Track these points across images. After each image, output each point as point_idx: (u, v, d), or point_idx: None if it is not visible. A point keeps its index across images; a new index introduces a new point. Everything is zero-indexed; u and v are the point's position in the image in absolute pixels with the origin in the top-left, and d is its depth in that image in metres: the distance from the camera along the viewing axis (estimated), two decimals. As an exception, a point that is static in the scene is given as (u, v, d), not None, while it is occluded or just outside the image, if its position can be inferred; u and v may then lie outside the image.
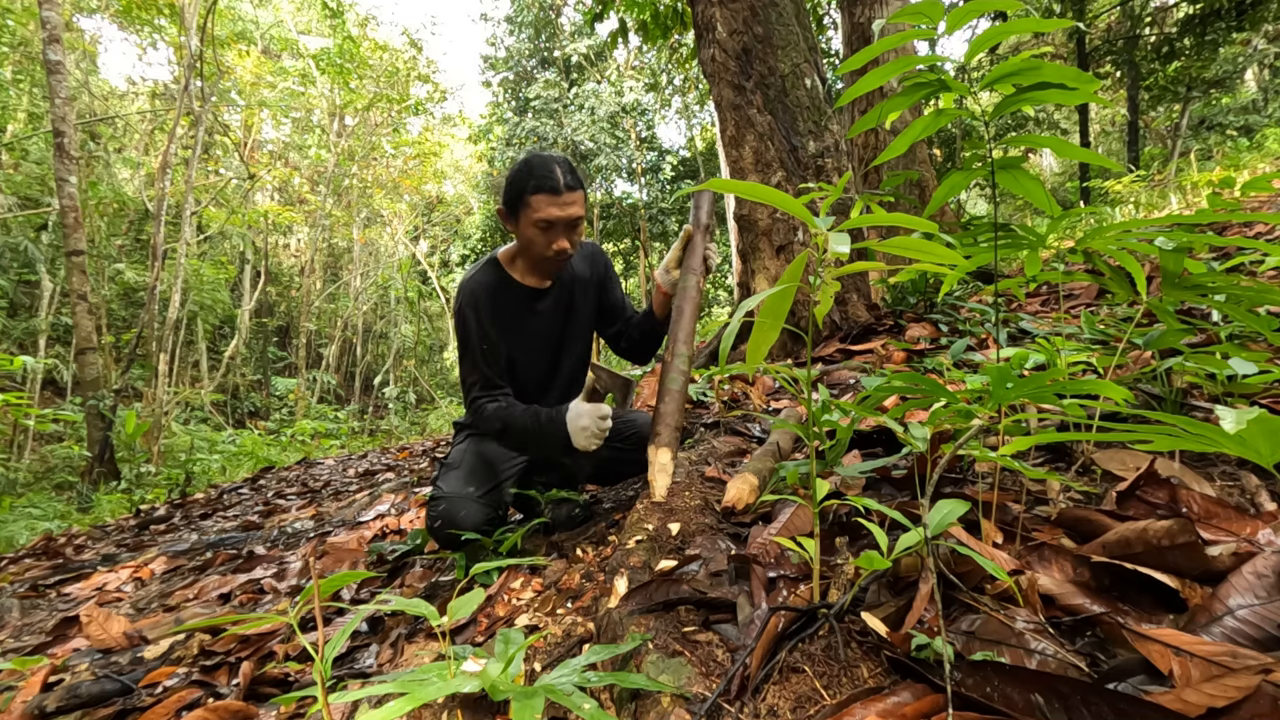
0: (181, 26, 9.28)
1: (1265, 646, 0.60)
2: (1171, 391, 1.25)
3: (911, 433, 1.08)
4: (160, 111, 14.78)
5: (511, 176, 1.56)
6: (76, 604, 2.19)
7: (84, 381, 6.47)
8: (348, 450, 8.51)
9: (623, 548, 1.17)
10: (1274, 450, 0.53)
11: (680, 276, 1.54)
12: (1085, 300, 2.64)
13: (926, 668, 0.65)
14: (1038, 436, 0.77)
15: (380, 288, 19.17)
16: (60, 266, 12.08)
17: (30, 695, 1.28)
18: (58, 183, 6.35)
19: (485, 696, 0.87)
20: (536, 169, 1.52)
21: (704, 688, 0.75)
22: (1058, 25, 0.84)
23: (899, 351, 2.38)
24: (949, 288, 1.42)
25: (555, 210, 1.50)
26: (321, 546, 2.22)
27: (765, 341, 0.83)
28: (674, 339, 1.44)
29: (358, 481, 4.39)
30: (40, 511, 5.52)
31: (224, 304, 15.71)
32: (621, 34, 6.58)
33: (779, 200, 0.72)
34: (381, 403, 16.49)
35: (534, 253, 1.59)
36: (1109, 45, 11.00)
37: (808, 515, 1.09)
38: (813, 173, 3.00)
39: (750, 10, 3.07)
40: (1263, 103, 14.03)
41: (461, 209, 21.45)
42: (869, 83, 0.97)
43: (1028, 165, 1.67)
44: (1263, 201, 4.00)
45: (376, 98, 15.39)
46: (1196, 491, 0.90)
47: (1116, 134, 17.15)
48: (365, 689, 0.66)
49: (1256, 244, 0.98)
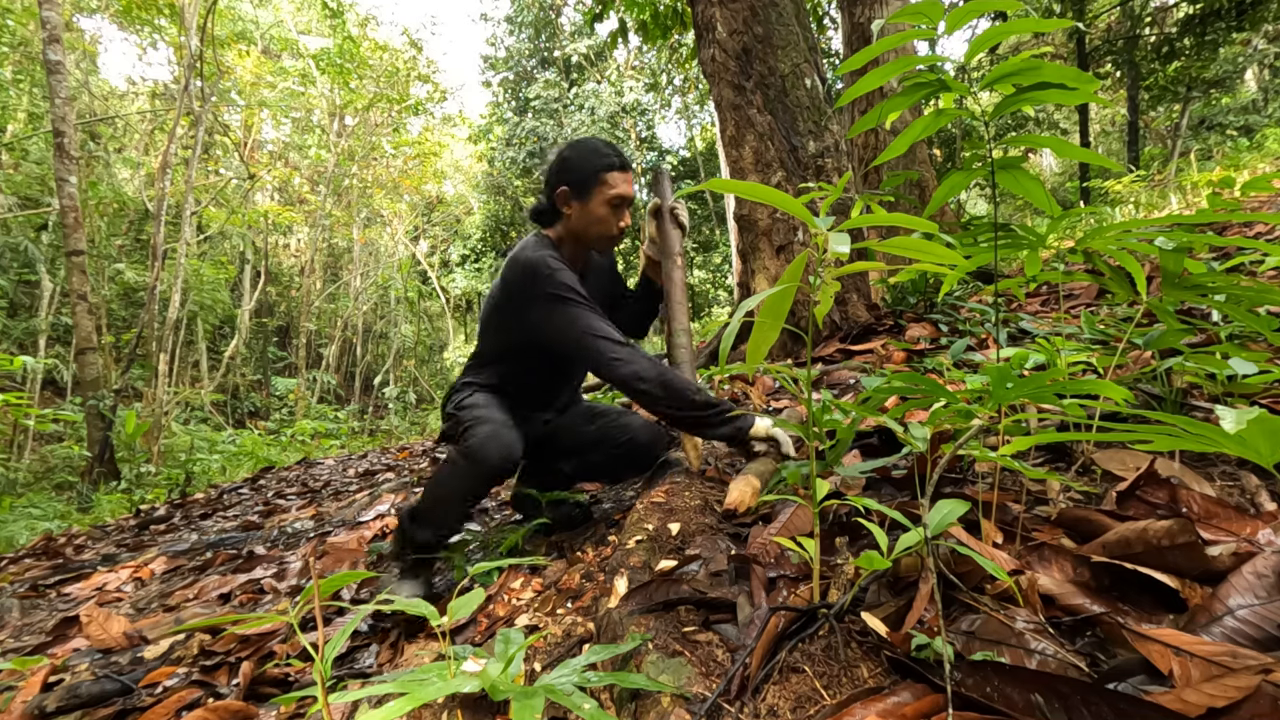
0: (181, 26, 9.28)
1: (1265, 646, 0.60)
2: (1171, 391, 1.25)
3: (911, 433, 1.08)
4: (160, 111, 14.78)
5: (575, 157, 1.58)
6: (76, 604, 2.18)
7: (84, 381, 6.47)
8: (348, 450, 8.51)
9: (623, 548, 1.17)
10: (1274, 450, 0.53)
11: (662, 263, 1.72)
12: (1085, 300, 2.64)
13: (926, 668, 0.65)
14: (1038, 436, 0.77)
15: (380, 288, 19.17)
16: (60, 266, 12.07)
17: (30, 695, 1.28)
18: (58, 183, 6.34)
19: (485, 696, 0.87)
20: (603, 149, 1.58)
21: (704, 688, 0.75)
22: (1057, 25, 0.84)
23: (899, 351, 2.38)
24: (949, 288, 1.42)
25: (626, 187, 1.58)
26: (321, 546, 2.22)
27: (765, 341, 0.83)
28: (671, 322, 1.63)
29: (358, 481, 4.38)
30: (40, 511, 5.52)
31: (224, 304, 15.70)
32: (621, 34, 6.58)
33: (779, 200, 0.72)
34: (381, 403, 16.48)
35: (598, 231, 1.61)
36: (1109, 45, 11.00)
37: (808, 515, 1.09)
38: (813, 173, 3.00)
39: (750, 10, 3.07)
40: (1263, 103, 14.03)
41: (461, 209, 21.45)
42: (869, 83, 0.97)
43: (1028, 165, 1.67)
44: (1263, 201, 4.00)
45: (376, 98, 15.38)
46: (1196, 491, 0.90)
47: (1116, 134, 17.15)
48: (365, 689, 0.66)
49: (1256, 244, 0.98)
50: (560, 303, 1.50)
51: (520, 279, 1.54)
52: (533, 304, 1.53)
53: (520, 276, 1.54)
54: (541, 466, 1.88)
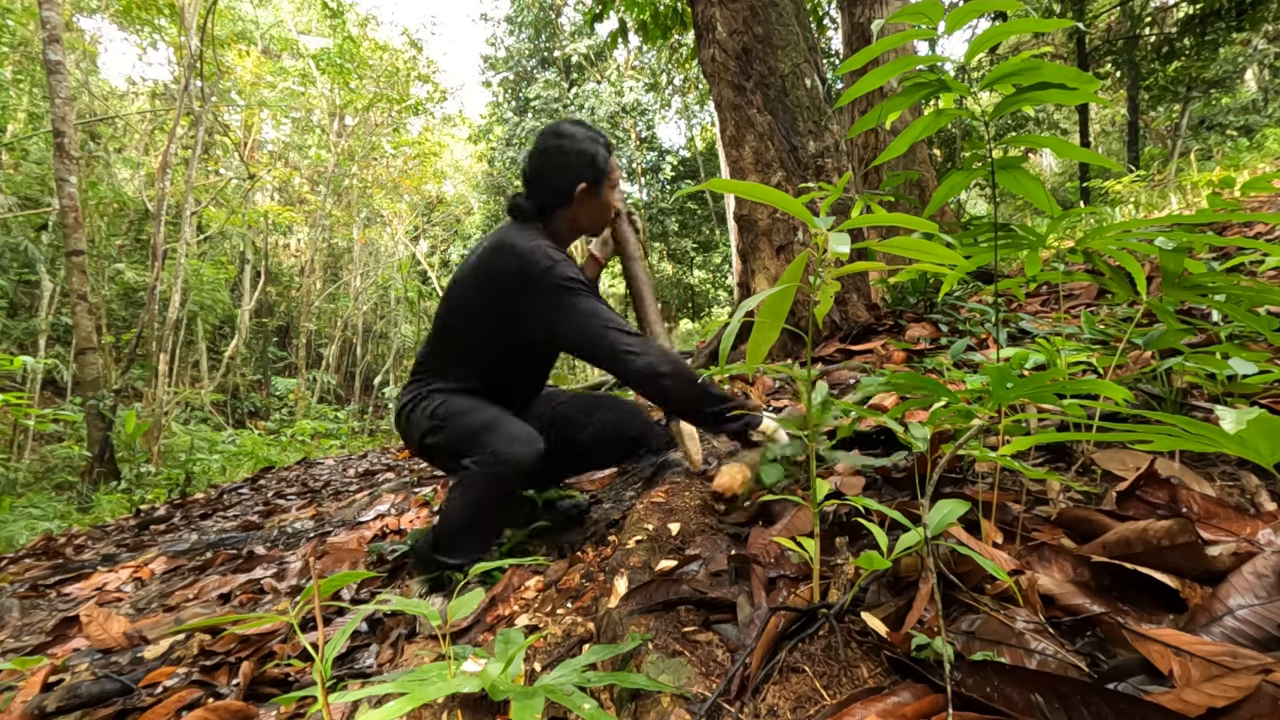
0: (181, 26, 9.28)
1: (1265, 646, 0.60)
2: (1171, 391, 1.25)
3: (911, 433, 1.08)
4: (160, 111, 14.78)
5: (581, 152, 1.51)
6: (76, 604, 2.18)
7: (84, 381, 6.46)
8: (348, 450, 8.51)
9: (623, 548, 1.17)
10: (1274, 450, 0.53)
11: (626, 265, 1.78)
12: (1085, 300, 2.64)
13: (926, 668, 0.65)
14: (1038, 436, 0.77)
15: (380, 288, 19.17)
16: (60, 266, 12.07)
17: (30, 695, 1.28)
18: (58, 183, 6.34)
19: (485, 696, 0.87)
20: (593, 134, 1.56)
21: (704, 688, 0.75)
22: (1057, 25, 0.84)
23: (899, 351, 2.38)
24: (949, 288, 1.42)
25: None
26: (321, 546, 2.22)
27: (765, 341, 0.83)
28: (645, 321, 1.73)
29: (358, 481, 4.38)
30: (40, 511, 5.52)
31: (224, 304, 15.70)
32: (621, 34, 6.57)
33: (779, 200, 0.72)
34: (381, 403, 16.48)
35: (602, 218, 1.61)
36: (1109, 45, 11.00)
37: (808, 516, 1.09)
38: (813, 173, 3.00)
39: (750, 10, 3.07)
40: (1263, 103, 14.03)
41: (461, 209, 21.45)
42: (869, 83, 0.97)
43: (1028, 165, 1.67)
44: (1263, 201, 4.00)
45: (376, 98, 15.38)
46: (1196, 491, 0.90)
47: (1116, 134, 17.15)
48: (365, 689, 0.66)
49: (1256, 244, 0.98)
50: (569, 294, 1.41)
51: (519, 269, 1.42)
52: (532, 295, 1.42)
53: (519, 266, 1.42)
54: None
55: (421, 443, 1.57)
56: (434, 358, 1.62)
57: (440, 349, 1.62)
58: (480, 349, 1.56)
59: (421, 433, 1.55)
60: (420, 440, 1.57)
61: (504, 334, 1.52)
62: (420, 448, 1.59)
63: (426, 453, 1.58)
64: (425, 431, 1.53)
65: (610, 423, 1.65)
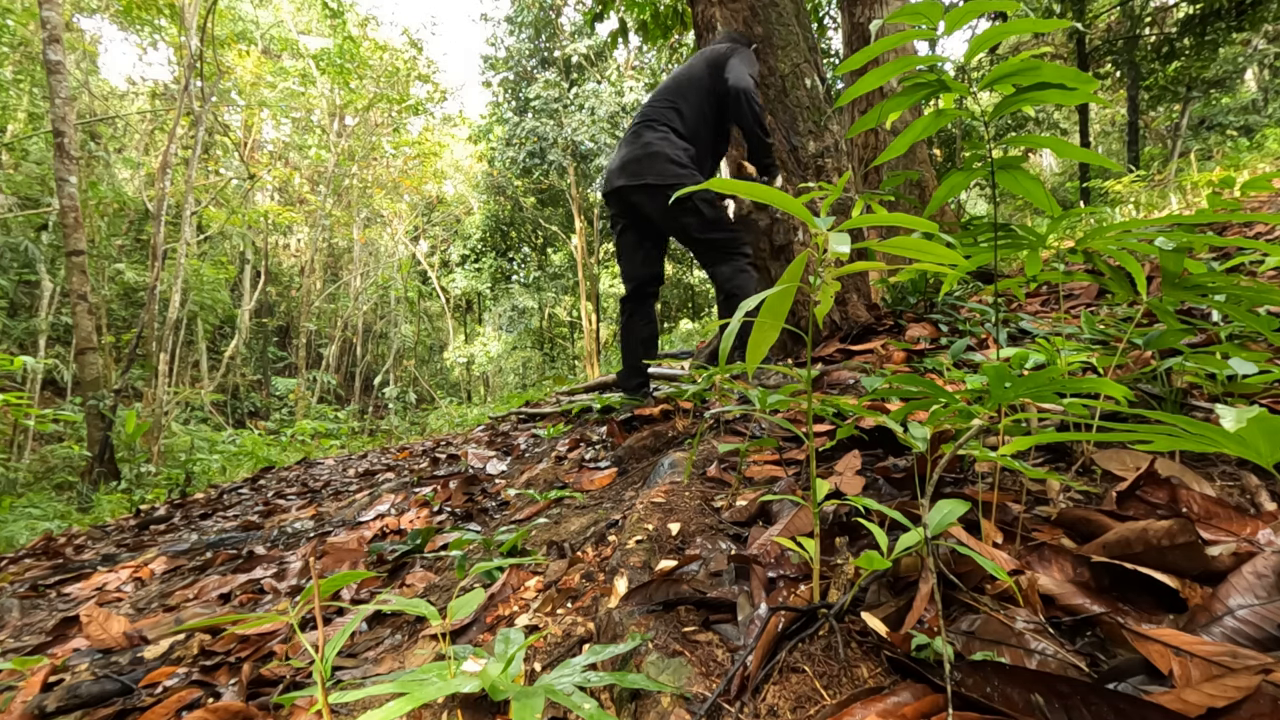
0: (181, 26, 9.28)
1: (1265, 646, 0.60)
2: (1171, 391, 1.25)
3: (911, 433, 1.08)
4: (160, 111, 14.78)
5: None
6: (76, 604, 2.18)
7: (84, 381, 6.46)
8: (348, 450, 8.50)
9: (623, 548, 1.17)
10: (1274, 450, 0.53)
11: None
12: (1085, 300, 2.64)
13: (926, 668, 0.65)
14: (1038, 436, 0.77)
15: (380, 288, 19.17)
16: (60, 266, 12.07)
17: (30, 695, 1.28)
18: (58, 183, 6.34)
19: (485, 696, 0.87)
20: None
21: (704, 688, 0.75)
22: (1057, 25, 0.84)
23: (899, 351, 2.38)
24: (949, 288, 1.42)
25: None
26: (321, 546, 2.22)
27: (765, 341, 0.83)
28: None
29: (358, 481, 4.38)
30: (40, 511, 5.52)
31: (224, 304, 15.70)
32: (621, 34, 6.58)
33: (779, 200, 0.72)
34: (381, 403, 16.49)
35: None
36: (1109, 45, 11.00)
37: (808, 516, 1.09)
38: (813, 173, 3.00)
39: (750, 10, 3.07)
40: (1263, 103, 14.04)
41: (461, 209, 21.44)
42: (869, 83, 0.97)
43: (1028, 165, 1.67)
44: (1263, 201, 4.00)
45: (376, 98, 15.39)
46: (1196, 491, 0.90)
47: (1116, 134, 17.15)
48: (365, 689, 0.66)
49: (1256, 244, 0.98)
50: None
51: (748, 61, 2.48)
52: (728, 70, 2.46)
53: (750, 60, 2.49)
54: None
55: (701, 217, 2.51)
56: (682, 135, 2.64)
57: (688, 117, 2.67)
58: (702, 117, 2.65)
59: (692, 207, 2.51)
60: (694, 215, 2.52)
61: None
62: (708, 224, 2.53)
63: (713, 225, 2.56)
64: (694, 209, 2.51)
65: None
